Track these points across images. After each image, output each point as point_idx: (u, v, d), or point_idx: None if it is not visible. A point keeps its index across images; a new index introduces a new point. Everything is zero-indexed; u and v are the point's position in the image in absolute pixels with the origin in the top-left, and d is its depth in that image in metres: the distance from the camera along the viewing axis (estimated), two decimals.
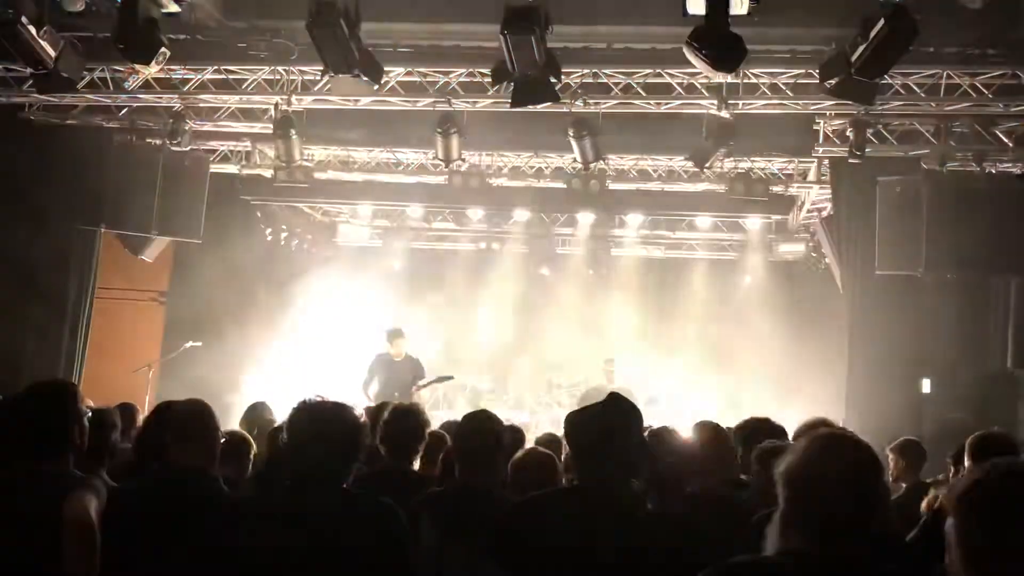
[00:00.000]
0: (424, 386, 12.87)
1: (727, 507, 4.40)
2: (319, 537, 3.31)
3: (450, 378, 13.81)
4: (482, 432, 4.50)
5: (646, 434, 4.78)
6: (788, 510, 2.43)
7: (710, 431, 5.18)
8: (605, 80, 10.30)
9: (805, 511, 2.40)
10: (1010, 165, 11.00)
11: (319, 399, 3.61)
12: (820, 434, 2.60)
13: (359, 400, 12.52)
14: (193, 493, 4.01)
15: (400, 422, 5.12)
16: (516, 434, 5.95)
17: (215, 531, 3.66)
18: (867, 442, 2.56)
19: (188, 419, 4.25)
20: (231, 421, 7.22)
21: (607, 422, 3.49)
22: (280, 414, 8.69)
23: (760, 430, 5.18)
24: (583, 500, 3.43)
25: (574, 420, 3.61)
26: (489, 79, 9.79)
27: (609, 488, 3.41)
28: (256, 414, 7.63)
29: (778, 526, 2.44)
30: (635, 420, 3.52)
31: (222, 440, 4.46)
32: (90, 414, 4.11)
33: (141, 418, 7.83)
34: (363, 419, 3.67)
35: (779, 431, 5.28)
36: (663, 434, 5.05)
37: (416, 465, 5.29)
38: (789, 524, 2.42)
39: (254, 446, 5.61)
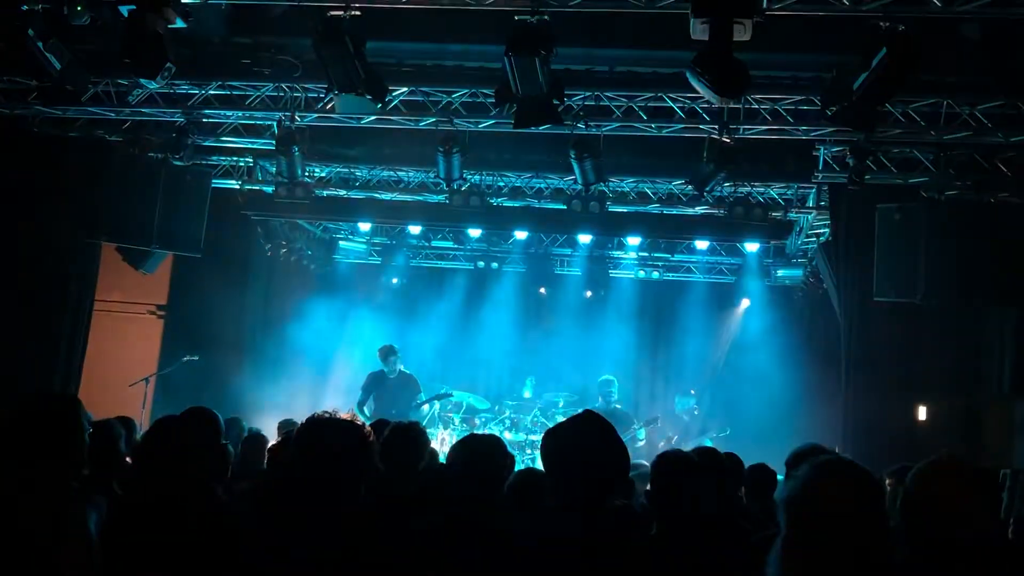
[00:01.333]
0: (423, 403, 12.90)
1: (731, 533, 4.40)
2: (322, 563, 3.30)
3: (449, 395, 13.84)
4: (486, 461, 4.42)
5: (656, 457, 4.77)
6: (790, 536, 2.45)
7: (713, 456, 5.17)
8: (607, 103, 10.35)
9: (806, 538, 2.41)
10: (1009, 195, 11.04)
11: (329, 415, 3.60)
12: (820, 461, 2.62)
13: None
14: (193, 508, 4.00)
15: (401, 440, 5.10)
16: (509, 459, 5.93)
17: (216, 547, 3.66)
18: (866, 469, 2.58)
19: (189, 431, 4.25)
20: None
21: (578, 440, 3.39)
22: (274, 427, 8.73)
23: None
24: (564, 523, 3.32)
25: (549, 438, 3.50)
26: (492, 100, 9.85)
27: (586, 508, 3.29)
28: (232, 429, 7.67)
29: (780, 552, 2.46)
30: (613, 439, 3.40)
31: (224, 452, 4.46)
32: (90, 429, 4.10)
33: (139, 432, 7.89)
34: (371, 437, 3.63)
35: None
36: (670, 456, 5.01)
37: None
38: (791, 550, 2.44)
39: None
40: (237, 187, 13.47)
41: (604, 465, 3.36)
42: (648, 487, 4.70)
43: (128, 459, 5.24)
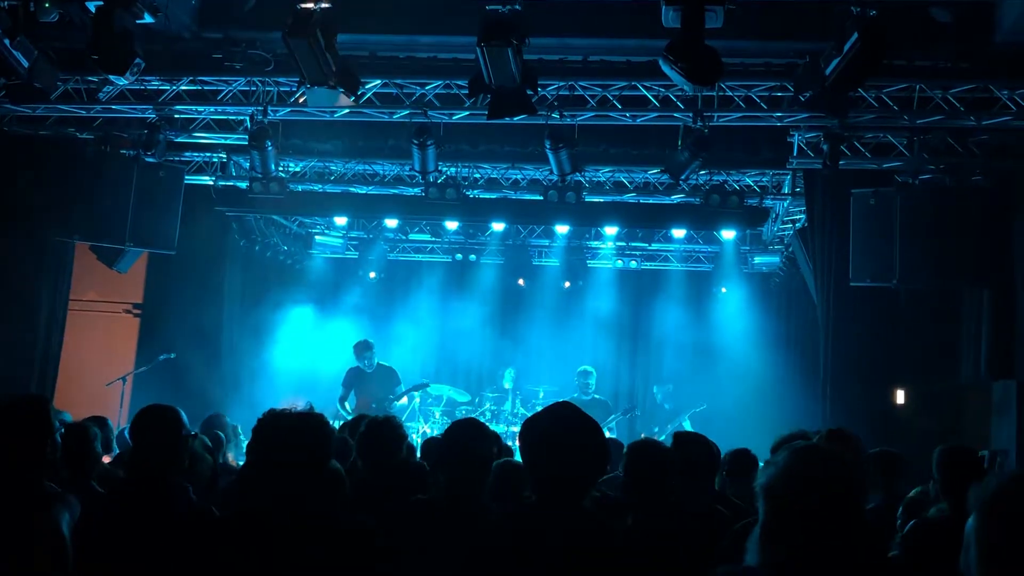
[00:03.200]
0: (402, 395, 12.90)
1: (708, 521, 4.40)
2: (296, 557, 3.27)
3: (425, 385, 13.84)
4: (474, 443, 4.32)
5: (627, 447, 4.77)
6: (768, 523, 2.45)
7: (694, 442, 5.16)
8: (581, 92, 10.34)
9: (785, 524, 2.41)
10: (982, 177, 11.10)
11: (287, 409, 3.55)
12: (799, 447, 2.62)
13: (338, 415, 12.54)
14: (157, 502, 3.97)
15: (376, 435, 5.09)
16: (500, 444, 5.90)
17: (181, 541, 3.63)
18: (846, 454, 2.59)
19: (151, 425, 4.20)
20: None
21: (561, 433, 3.30)
22: (249, 425, 8.67)
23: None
24: (544, 517, 3.25)
25: (527, 430, 3.41)
26: (466, 91, 9.81)
27: (565, 503, 3.24)
28: (212, 424, 7.64)
29: (759, 539, 2.46)
30: (593, 430, 3.33)
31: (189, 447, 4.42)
32: (63, 429, 4.06)
33: (114, 431, 7.84)
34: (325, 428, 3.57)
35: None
36: (644, 446, 5.01)
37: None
38: (770, 537, 2.44)
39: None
40: (211, 183, 13.38)
41: (584, 460, 3.29)
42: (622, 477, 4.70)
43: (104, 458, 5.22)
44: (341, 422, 8.84)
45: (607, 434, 11.37)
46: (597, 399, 13.91)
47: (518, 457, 4.78)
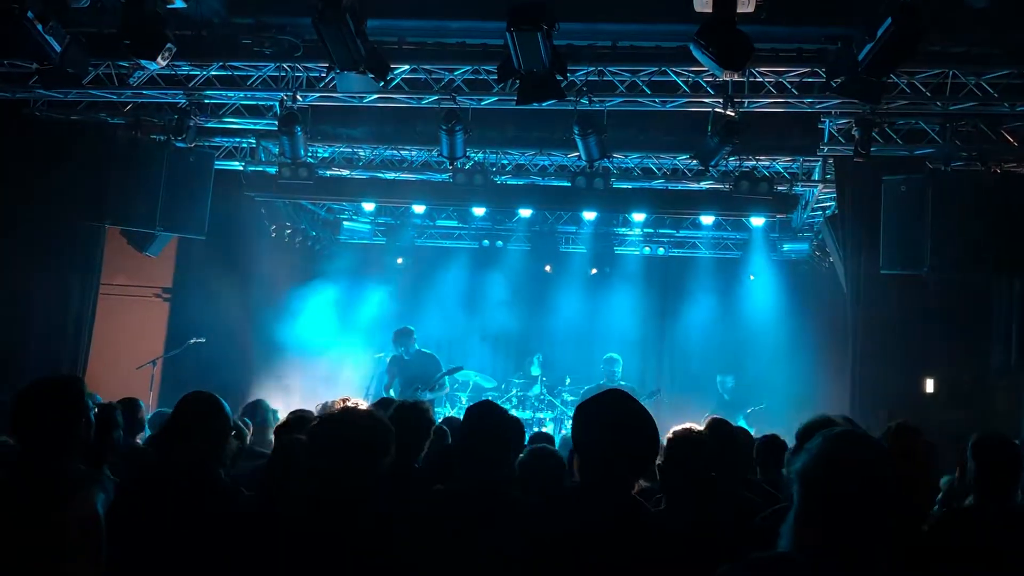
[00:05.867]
0: (440, 377, 12.99)
1: (740, 507, 4.39)
2: (332, 546, 3.30)
3: (459, 369, 13.87)
4: (493, 426, 4.28)
5: (669, 434, 4.76)
6: (804, 508, 2.45)
7: (722, 430, 5.16)
8: (610, 78, 10.29)
9: (822, 509, 2.41)
10: (1015, 165, 10.99)
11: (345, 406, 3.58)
12: (836, 433, 2.61)
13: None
14: (194, 487, 4.01)
15: (405, 419, 5.09)
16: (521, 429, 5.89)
17: (217, 526, 3.66)
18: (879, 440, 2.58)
19: (191, 412, 4.24)
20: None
21: (619, 418, 3.31)
22: (284, 410, 8.76)
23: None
24: (594, 501, 3.25)
25: (583, 414, 3.41)
26: (494, 76, 9.80)
27: (616, 488, 3.26)
28: (254, 410, 7.70)
29: (793, 524, 2.45)
30: (645, 417, 3.32)
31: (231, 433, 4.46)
32: (96, 409, 4.09)
33: (144, 414, 7.92)
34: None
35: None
36: (686, 433, 4.99)
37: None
38: (805, 522, 2.44)
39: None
40: (240, 168, 13.44)
41: (639, 444, 3.30)
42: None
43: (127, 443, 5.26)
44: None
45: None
46: (623, 386, 13.89)
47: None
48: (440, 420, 6.91)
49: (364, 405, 4.01)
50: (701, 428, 4.88)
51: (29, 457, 3.72)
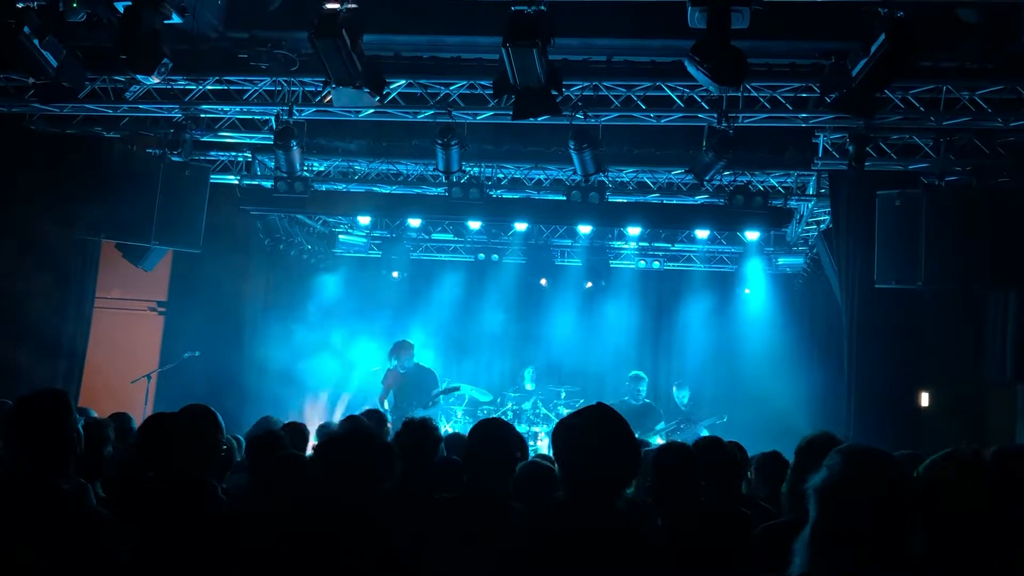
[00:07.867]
0: (436, 396, 12.97)
1: (736, 523, 4.39)
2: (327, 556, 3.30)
3: (456, 388, 13.87)
4: (498, 440, 4.42)
5: (654, 449, 4.76)
6: (821, 526, 2.44)
7: (715, 446, 5.16)
8: (605, 93, 10.32)
9: (840, 528, 2.41)
10: (1008, 179, 11.02)
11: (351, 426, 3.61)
12: (852, 450, 2.61)
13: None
14: (189, 503, 4.00)
15: (414, 437, 5.12)
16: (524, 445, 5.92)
17: (212, 541, 3.65)
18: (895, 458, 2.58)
19: (186, 427, 4.24)
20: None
21: (597, 434, 3.33)
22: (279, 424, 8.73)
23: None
24: (578, 514, 3.27)
25: (562, 430, 3.44)
26: (490, 91, 9.83)
27: (599, 501, 3.26)
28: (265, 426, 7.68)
29: (809, 542, 2.45)
30: (626, 432, 3.37)
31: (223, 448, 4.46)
32: (83, 421, 4.07)
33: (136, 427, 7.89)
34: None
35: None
36: (671, 448, 5.01)
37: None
38: (822, 540, 2.43)
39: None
40: (236, 182, 13.45)
41: (618, 462, 3.32)
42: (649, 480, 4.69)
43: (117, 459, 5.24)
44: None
45: (657, 440, 11.28)
46: (648, 404, 13.93)
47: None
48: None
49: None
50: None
51: (16, 470, 3.71)
